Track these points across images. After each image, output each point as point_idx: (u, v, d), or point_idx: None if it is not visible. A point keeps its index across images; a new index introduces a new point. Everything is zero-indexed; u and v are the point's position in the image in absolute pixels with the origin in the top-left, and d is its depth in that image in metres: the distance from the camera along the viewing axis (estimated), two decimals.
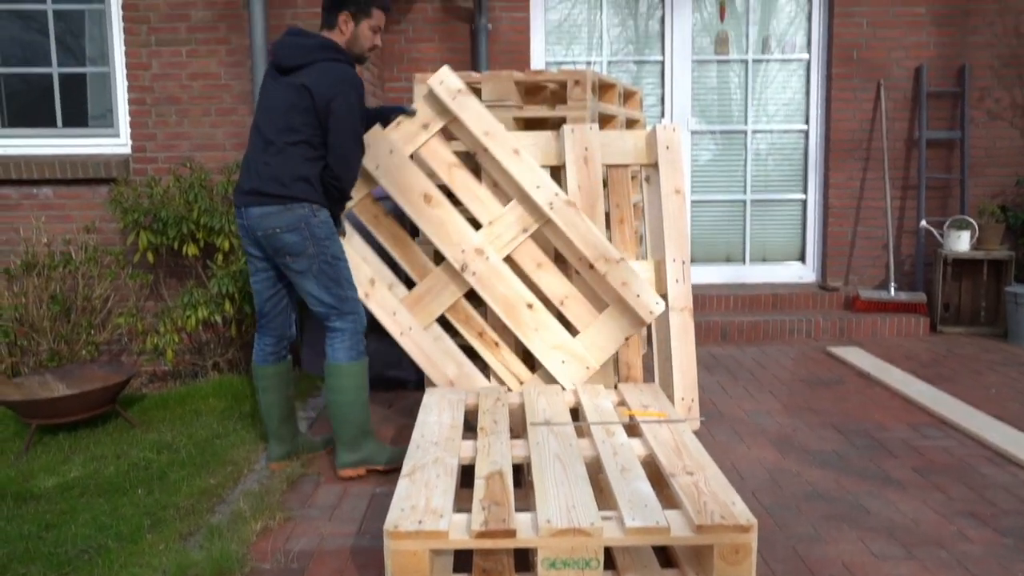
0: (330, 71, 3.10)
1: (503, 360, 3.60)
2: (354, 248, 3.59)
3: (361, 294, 3.64)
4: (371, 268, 3.60)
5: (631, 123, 4.88)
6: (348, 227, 3.59)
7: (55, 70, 5.18)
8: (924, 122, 5.95)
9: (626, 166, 3.84)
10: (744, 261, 6.43)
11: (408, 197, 3.58)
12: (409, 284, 4.03)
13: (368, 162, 3.60)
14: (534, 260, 3.56)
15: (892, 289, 5.92)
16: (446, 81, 3.58)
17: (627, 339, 3.68)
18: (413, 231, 4.29)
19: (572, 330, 3.62)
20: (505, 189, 3.62)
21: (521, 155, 3.51)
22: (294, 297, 3.43)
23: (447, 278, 3.59)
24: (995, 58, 5.99)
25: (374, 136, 3.60)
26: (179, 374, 5.01)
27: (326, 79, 3.08)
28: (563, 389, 3.42)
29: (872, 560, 2.63)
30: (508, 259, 3.59)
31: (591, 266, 3.45)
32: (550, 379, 3.52)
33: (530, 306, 3.50)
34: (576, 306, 3.52)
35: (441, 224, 3.55)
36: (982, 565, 2.59)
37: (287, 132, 3.12)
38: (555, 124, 4.27)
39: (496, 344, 3.61)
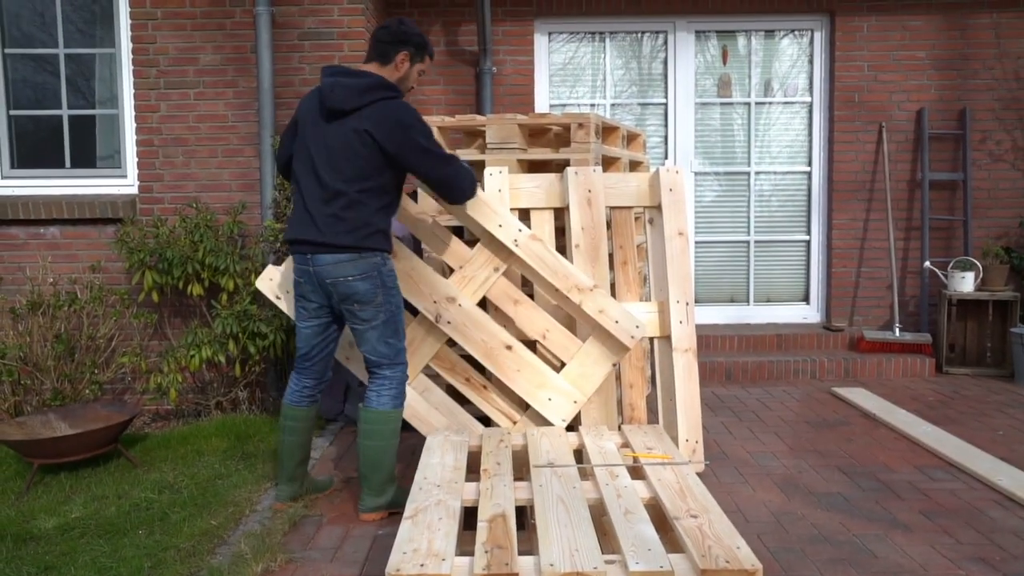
0: (389, 110, 3.08)
1: (493, 403, 3.61)
2: None
3: (342, 357, 3.69)
4: None
5: (634, 165, 4.92)
6: None
7: (65, 112, 5.25)
8: (926, 164, 5.99)
9: (629, 208, 3.87)
10: (748, 302, 6.43)
11: None
12: None
13: None
14: (511, 298, 3.59)
15: (897, 330, 5.91)
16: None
17: (631, 385, 3.67)
18: None
19: (560, 363, 3.62)
20: (473, 231, 3.67)
21: (479, 197, 3.54)
22: (338, 343, 3.47)
23: (424, 331, 3.63)
24: (995, 101, 6.05)
25: None
26: (182, 413, 5.00)
27: (388, 121, 3.07)
28: (561, 429, 3.41)
29: None
30: (486, 301, 3.62)
31: (567, 297, 3.46)
32: (541, 418, 3.51)
33: (509, 347, 3.51)
34: (558, 338, 3.54)
35: (408, 276, 3.59)
36: None
37: (357, 180, 3.09)
38: (559, 166, 4.31)
39: (484, 387, 3.62)
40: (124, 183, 5.21)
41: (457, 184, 3.26)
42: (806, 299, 6.42)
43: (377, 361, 3.24)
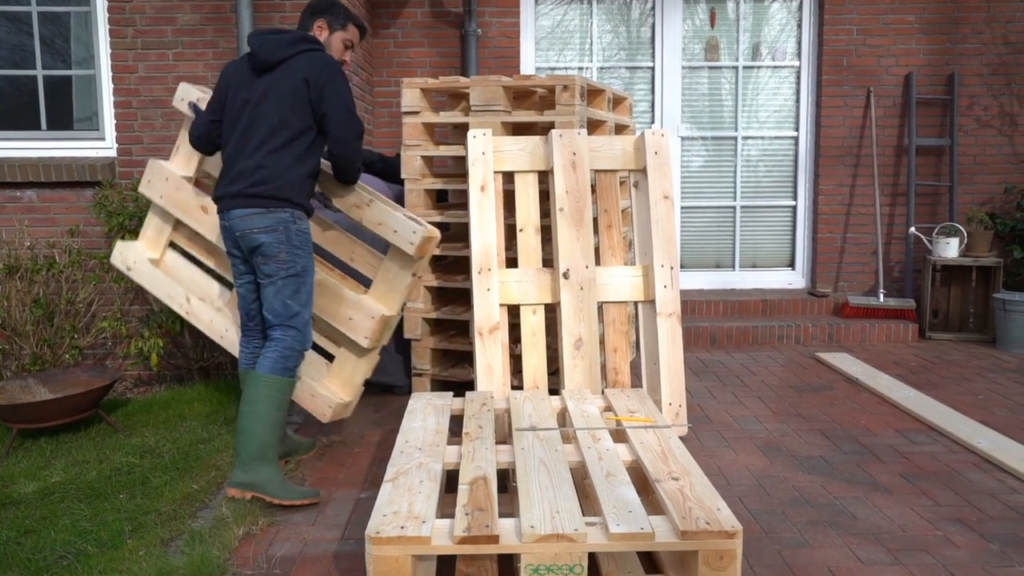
0: (315, 58, 3.12)
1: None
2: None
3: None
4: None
5: (620, 129, 4.87)
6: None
7: (40, 72, 5.14)
8: (913, 129, 5.97)
9: (614, 171, 3.83)
10: (734, 267, 6.43)
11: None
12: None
13: (151, 192, 3.82)
14: (321, 226, 3.65)
15: (881, 295, 5.93)
16: (186, 99, 3.78)
17: (615, 349, 3.66)
18: None
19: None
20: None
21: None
22: None
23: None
24: (984, 66, 6.02)
25: (152, 167, 3.85)
26: (164, 379, 4.97)
27: (315, 66, 3.09)
28: (544, 392, 3.40)
29: (858, 565, 2.61)
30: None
31: (348, 215, 3.51)
32: (357, 345, 3.52)
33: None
34: (364, 257, 3.57)
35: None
36: (968, 570, 2.58)
37: (281, 130, 3.09)
38: (543, 129, 4.27)
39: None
40: (102, 146, 5.12)
41: (353, 147, 3.21)
42: (791, 265, 6.42)
43: (270, 321, 3.17)
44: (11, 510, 3.16)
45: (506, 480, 3.06)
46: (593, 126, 4.42)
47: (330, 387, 3.56)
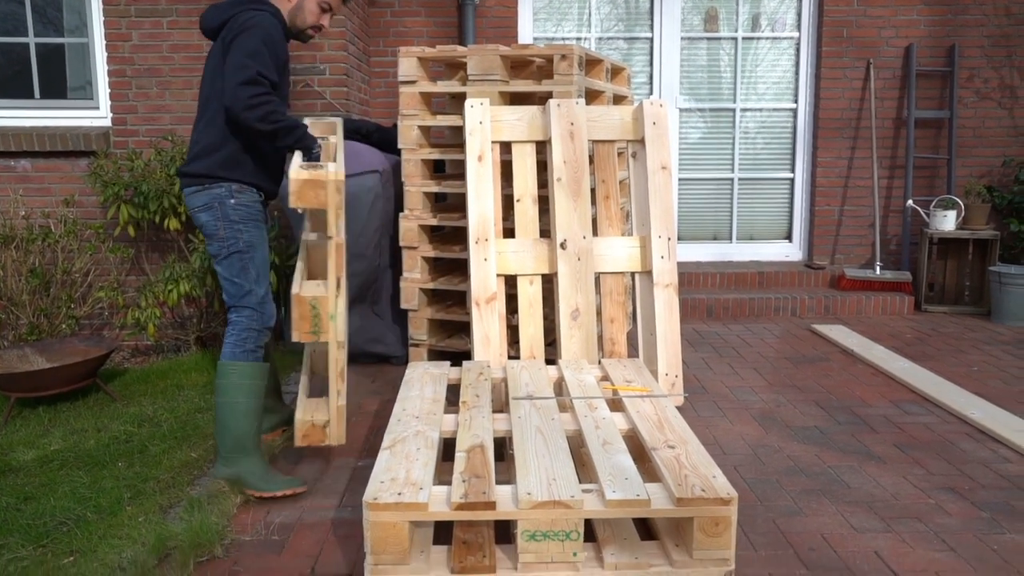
0: (241, 18, 2.90)
1: None
2: None
3: None
4: None
5: (618, 99, 4.84)
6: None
7: (32, 40, 5.09)
8: (913, 101, 5.94)
9: (612, 142, 3.81)
10: (731, 239, 6.43)
11: None
12: None
13: None
14: None
15: (878, 268, 5.93)
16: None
17: (612, 319, 3.67)
18: None
19: None
20: None
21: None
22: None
23: None
24: (985, 38, 5.98)
25: None
26: (161, 349, 4.98)
27: (234, 28, 2.89)
28: (541, 362, 3.41)
29: (851, 533, 2.64)
30: None
31: None
32: None
33: None
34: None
35: None
36: (959, 537, 2.61)
37: (211, 101, 2.95)
38: (541, 99, 4.24)
39: None
40: (96, 115, 5.09)
41: (236, 98, 2.78)
42: (788, 237, 6.42)
43: (225, 302, 3.04)
44: (10, 477, 3.17)
45: (503, 449, 3.08)
46: (591, 96, 4.40)
47: (303, 406, 3.01)
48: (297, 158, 2.86)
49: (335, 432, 2.91)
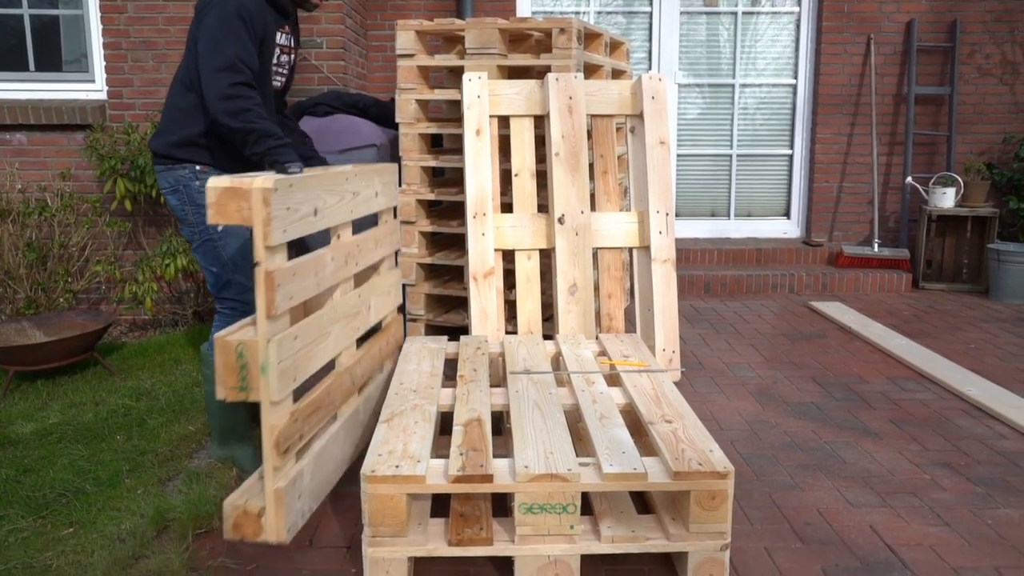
0: None
1: None
2: None
3: None
4: None
5: (617, 74, 4.80)
6: None
7: (26, 11, 5.04)
8: (913, 77, 5.91)
9: (611, 116, 3.79)
10: (729, 216, 6.41)
11: None
12: None
13: None
14: None
15: (876, 245, 5.93)
16: None
17: (609, 295, 3.67)
18: None
19: None
20: None
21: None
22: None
23: None
24: (987, 13, 5.93)
25: None
26: (159, 323, 4.98)
27: (208, 3, 2.67)
28: (538, 337, 3.41)
29: (846, 507, 2.66)
30: None
31: None
32: None
33: None
34: None
35: None
36: (953, 512, 2.63)
37: (183, 78, 2.79)
38: (539, 73, 4.20)
39: None
40: (92, 88, 5.05)
41: (210, 85, 2.58)
42: (787, 214, 6.40)
43: (211, 291, 2.92)
44: (9, 450, 3.18)
45: (500, 423, 3.09)
46: (590, 71, 4.36)
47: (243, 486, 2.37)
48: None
49: (272, 524, 2.20)
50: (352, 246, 2.74)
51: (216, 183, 2.11)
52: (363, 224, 3.02)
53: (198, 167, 2.79)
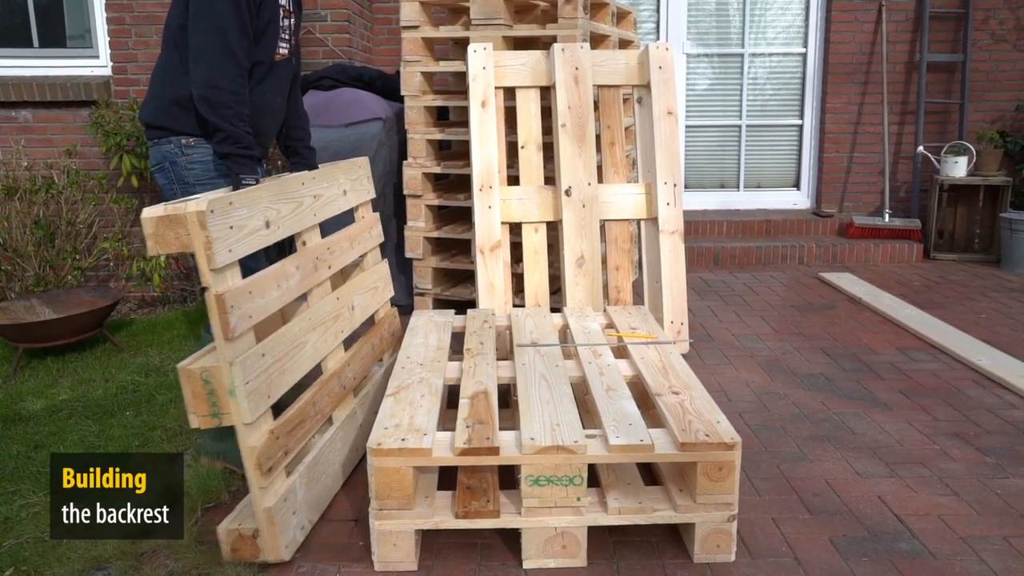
0: None
1: None
2: None
3: None
4: None
5: (624, 44, 4.75)
6: None
7: None
8: (925, 45, 5.81)
9: (618, 87, 3.75)
10: (738, 188, 6.36)
11: None
12: None
13: None
14: None
15: (887, 215, 5.88)
16: None
17: (617, 267, 3.65)
18: None
19: None
20: None
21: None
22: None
23: None
24: None
25: None
26: (168, 300, 4.99)
27: None
28: (545, 310, 3.39)
29: (855, 478, 2.65)
30: None
31: None
32: None
33: None
34: None
35: None
36: (962, 482, 2.62)
37: (167, 36, 2.58)
38: (545, 44, 4.15)
39: None
40: (96, 64, 5.02)
41: (204, 67, 2.44)
42: (796, 185, 6.35)
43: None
44: (20, 426, 3.20)
45: (507, 396, 3.09)
46: (596, 41, 4.31)
47: (238, 509, 2.40)
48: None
49: (268, 544, 2.20)
50: (321, 250, 2.67)
51: (150, 213, 2.03)
52: (343, 222, 2.96)
53: (183, 139, 2.60)
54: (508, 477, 2.43)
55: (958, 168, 5.67)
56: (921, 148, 5.91)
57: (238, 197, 2.22)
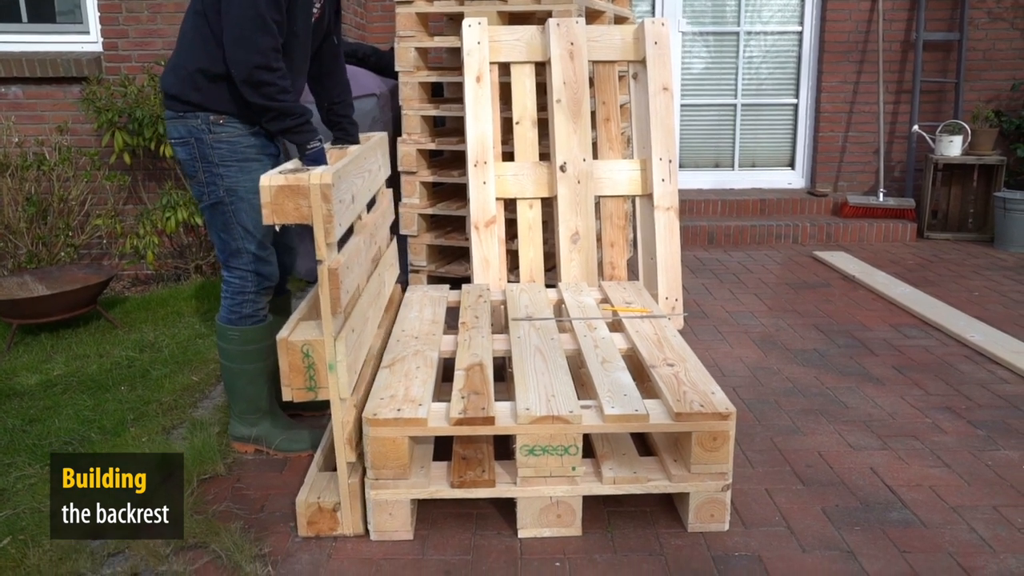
0: None
1: None
2: None
3: None
4: None
5: (620, 20, 4.72)
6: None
7: None
8: (922, 23, 5.80)
9: (613, 63, 3.73)
10: (733, 167, 6.36)
11: None
12: None
13: None
14: None
15: (881, 195, 5.88)
16: None
17: (612, 244, 3.65)
18: None
19: None
20: None
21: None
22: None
23: None
24: None
25: None
26: (161, 277, 4.97)
27: None
28: (540, 285, 3.39)
29: (847, 450, 2.67)
30: None
31: None
32: None
33: None
34: None
35: None
36: (954, 454, 2.64)
37: (192, 5, 2.46)
38: (540, 19, 4.13)
39: None
40: (87, 39, 4.98)
41: (243, 48, 2.30)
42: (791, 164, 6.34)
43: (219, 258, 2.65)
44: (15, 400, 3.20)
45: (502, 370, 3.09)
46: (592, 17, 4.29)
47: (310, 481, 2.42)
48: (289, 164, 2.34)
49: (348, 518, 2.24)
50: (372, 225, 2.71)
51: (270, 181, 2.01)
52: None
53: (211, 116, 2.46)
54: (503, 448, 2.44)
55: (953, 147, 5.67)
56: (916, 127, 5.91)
57: (340, 170, 2.19)
